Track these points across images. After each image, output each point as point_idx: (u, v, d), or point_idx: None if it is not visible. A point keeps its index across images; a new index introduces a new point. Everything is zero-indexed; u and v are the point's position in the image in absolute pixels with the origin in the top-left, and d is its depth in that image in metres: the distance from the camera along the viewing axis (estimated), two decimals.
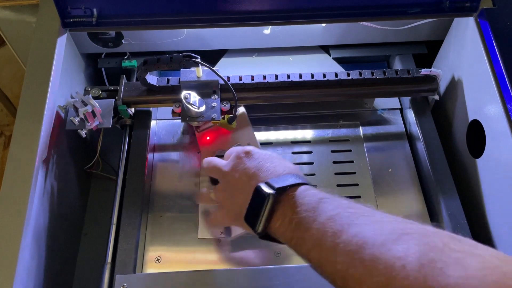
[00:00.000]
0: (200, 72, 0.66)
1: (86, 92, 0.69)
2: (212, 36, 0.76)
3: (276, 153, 0.53)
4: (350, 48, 0.81)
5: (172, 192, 0.67)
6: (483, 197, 0.63)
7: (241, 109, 0.69)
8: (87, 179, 0.72)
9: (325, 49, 0.82)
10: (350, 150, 0.72)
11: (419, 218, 0.66)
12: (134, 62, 0.75)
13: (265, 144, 0.73)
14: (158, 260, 0.61)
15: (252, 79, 0.69)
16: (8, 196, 0.52)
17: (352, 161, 0.71)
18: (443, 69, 0.72)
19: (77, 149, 0.69)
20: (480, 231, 0.63)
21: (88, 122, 0.62)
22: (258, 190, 0.45)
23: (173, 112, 0.67)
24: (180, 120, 0.66)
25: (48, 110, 0.58)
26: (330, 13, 0.67)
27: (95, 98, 0.65)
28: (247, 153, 0.52)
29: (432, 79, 0.71)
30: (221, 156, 0.58)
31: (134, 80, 0.76)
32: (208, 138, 0.68)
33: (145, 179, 0.67)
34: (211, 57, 0.77)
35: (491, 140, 0.61)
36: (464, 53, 0.68)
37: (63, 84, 0.64)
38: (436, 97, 0.72)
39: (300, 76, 0.69)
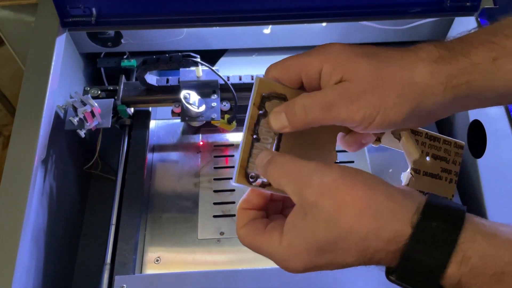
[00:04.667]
0: (200, 71, 0.66)
1: (85, 92, 0.69)
2: (211, 36, 0.76)
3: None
4: None
5: (171, 192, 0.67)
6: (484, 197, 0.63)
7: None
8: (86, 179, 0.72)
9: None
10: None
11: None
12: (133, 62, 0.75)
13: None
14: (157, 260, 0.61)
15: (252, 79, 0.68)
16: (7, 196, 0.52)
17: (352, 161, 0.71)
18: None
19: (76, 149, 0.68)
20: None
21: (87, 122, 0.62)
22: None
23: (172, 112, 0.67)
24: (179, 120, 0.66)
25: (47, 110, 0.58)
26: (330, 12, 0.66)
27: (94, 98, 0.65)
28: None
29: None
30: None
31: (134, 80, 0.75)
32: None
33: (145, 179, 0.66)
34: (211, 56, 0.77)
35: (492, 140, 0.61)
36: None
37: (62, 84, 0.64)
38: None
39: None
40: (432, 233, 0.28)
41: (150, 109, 0.73)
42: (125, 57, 0.76)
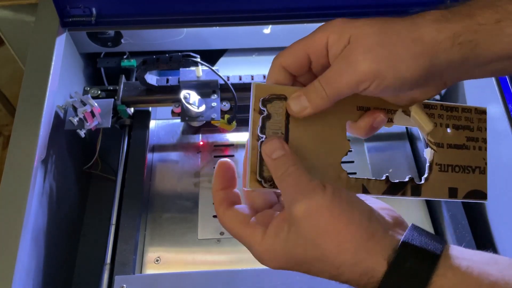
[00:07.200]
0: (200, 71, 0.66)
1: (85, 92, 0.69)
2: (211, 36, 0.76)
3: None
4: None
5: (171, 192, 0.67)
6: None
7: None
8: (86, 179, 0.72)
9: None
10: (350, 150, 0.72)
11: (420, 219, 0.65)
12: (133, 62, 0.75)
13: None
14: (157, 260, 0.61)
15: (252, 79, 0.68)
16: (7, 196, 0.52)
17: (352, 161, 0.71)
18: None
19: (76, 149, 0.68)
20: (481, 232, 0.63)
21: (87, 122, 0.62)
22: None
23: (172, 112, 0.67)
24: (179, 120, 0.66)
25: (47, 110, 0.58)
26: (330, 12, 0.66)
27: (94, 98, 0.65)
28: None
29: None
30: None
31: (134, 79, 0.75)
32: None
33: (145, 179, 0.66)
34: (211, 56, 0.77)
35: (492, 140, 0.61)
36: None
37: (62, 84, 0.64)
38: (437, 97, 0.72)
39: None
40: (405, 273, 0.29)
41: (150, 109, 0.73)
42: (125, 57, 0.76)
